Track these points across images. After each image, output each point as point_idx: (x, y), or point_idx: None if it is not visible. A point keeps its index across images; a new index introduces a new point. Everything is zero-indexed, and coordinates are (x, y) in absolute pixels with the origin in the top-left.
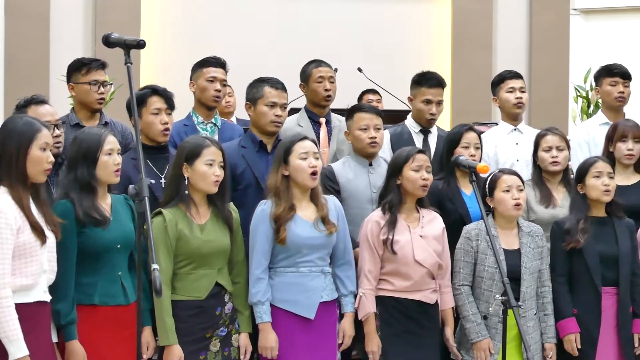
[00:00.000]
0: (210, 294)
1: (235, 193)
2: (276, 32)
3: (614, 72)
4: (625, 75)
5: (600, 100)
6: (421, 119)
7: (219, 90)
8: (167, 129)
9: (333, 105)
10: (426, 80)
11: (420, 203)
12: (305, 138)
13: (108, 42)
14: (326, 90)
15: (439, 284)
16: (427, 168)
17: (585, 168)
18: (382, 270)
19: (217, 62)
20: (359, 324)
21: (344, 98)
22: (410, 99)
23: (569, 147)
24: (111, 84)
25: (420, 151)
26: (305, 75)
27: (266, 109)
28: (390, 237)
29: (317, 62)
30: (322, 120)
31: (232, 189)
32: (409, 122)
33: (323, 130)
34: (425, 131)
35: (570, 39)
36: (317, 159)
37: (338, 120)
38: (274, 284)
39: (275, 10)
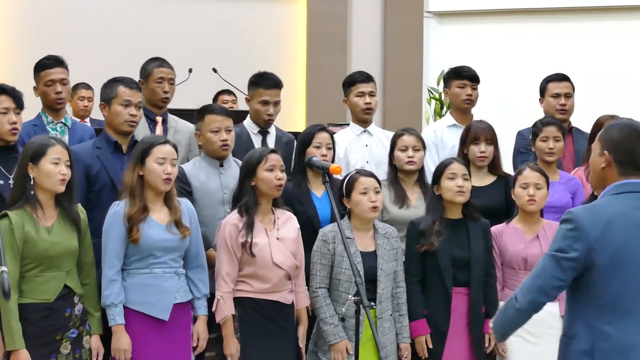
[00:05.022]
0: (59, 296)
1: (90, 194)
2: (131, 33)
3: (462, 75)
4: (474, 78)
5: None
6: (259, 120)
7: (60, 92)
8: (15, 129)
9: (185, 105)
10: (263, 81)
11: (275, 203)
12: (166, 142)
13: None
14: (165, 92)
15: (294, 283)
16: (281, 167)
17: (440, 169)
18: (240, 273)
19: (55, 62)
20: (218, 326)
21: (198, 98)
22: (247, 100)
23: (425, 147)
24: None
25: (272, 151)
26: (146, 73)
27: (120, 108)
28: (249, 240)
29: (159, 62)
30: (159, 119)
31: (87, 190)
32: (248, 122)
33: (159, 129)
34: (263, 132)
35: (424, 41)
36: (174, 165)
37: (175, 122)
38: (127, 286)
39: (129, 11)
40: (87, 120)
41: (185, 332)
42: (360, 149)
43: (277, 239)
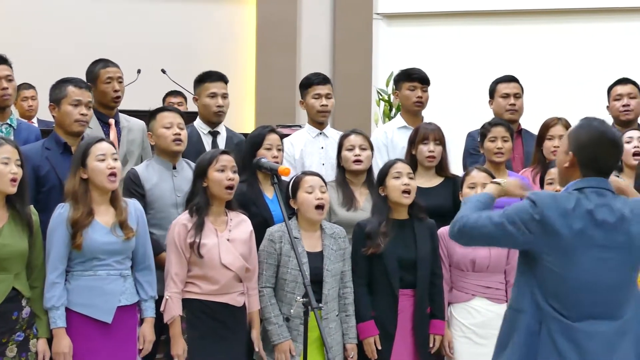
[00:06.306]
0: (7, 298)
1: (39, 195)
2: (80, 33)
3: (412, 77)
4: (424, 80)
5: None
6: (209, 115)
7: (5, 88)
8: None
9: (134, 106)
10: (208, 77)
11: (229, 206)
12: (102, 140)
13: None
14: (115, 91)
15: (247, 286)
16: (232, 168)
17: (385, 170)
18: (189, 274)
19: None
20: (165, 328)
21: (147, 99)
22: (195, 99)
23: (372, 148)
24: None
25: (224, 152)
26: (93, 76)
27: (70, 108)
28: (197, 240)
29: (105, 62)
30: (112, 121)
31: (36, 191)
32: (198, 123)
33: (112, 132)
34: (214, 133)
35: (373, 43)
36: (116, 160)
37: (126, 121)
38: (71, 288)
39: (77, 11)
40: (35, 120)
41: (131, 335)
42: (316, 151)
43: (228, 240)
